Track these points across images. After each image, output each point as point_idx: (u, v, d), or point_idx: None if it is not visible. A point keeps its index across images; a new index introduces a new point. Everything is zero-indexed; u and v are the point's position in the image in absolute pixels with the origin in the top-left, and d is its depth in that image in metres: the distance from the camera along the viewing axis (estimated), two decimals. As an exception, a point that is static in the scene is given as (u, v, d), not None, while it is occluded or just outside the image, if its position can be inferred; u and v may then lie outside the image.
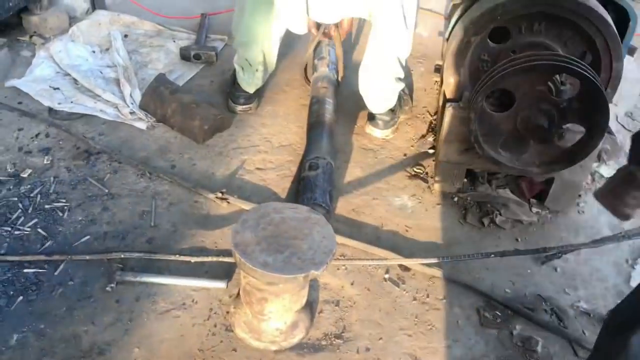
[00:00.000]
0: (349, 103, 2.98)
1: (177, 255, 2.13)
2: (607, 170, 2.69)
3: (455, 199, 2.50)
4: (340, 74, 2.99)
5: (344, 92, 3.02)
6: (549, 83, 2.08)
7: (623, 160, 2.69)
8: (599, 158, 2.49)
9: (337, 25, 2.88)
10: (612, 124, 2.96)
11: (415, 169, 2.65)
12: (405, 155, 2.74)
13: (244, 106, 2.90)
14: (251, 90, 2.87)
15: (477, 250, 2.28)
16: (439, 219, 2.42)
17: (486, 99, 2.14)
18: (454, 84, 2.34)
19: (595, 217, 2.47)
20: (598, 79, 1.97)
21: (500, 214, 2.40)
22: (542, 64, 1.94)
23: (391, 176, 2.62)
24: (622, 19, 2.25)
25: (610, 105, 2.09)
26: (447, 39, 2.46)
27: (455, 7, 2.49)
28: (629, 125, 3.01)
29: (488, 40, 2.25)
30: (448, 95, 2.38)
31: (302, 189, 2.36)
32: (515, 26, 2.19)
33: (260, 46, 2.70)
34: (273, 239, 1.77)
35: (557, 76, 2.09)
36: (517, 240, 2.35)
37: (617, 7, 2.23)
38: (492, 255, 2.09)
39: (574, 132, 2.07)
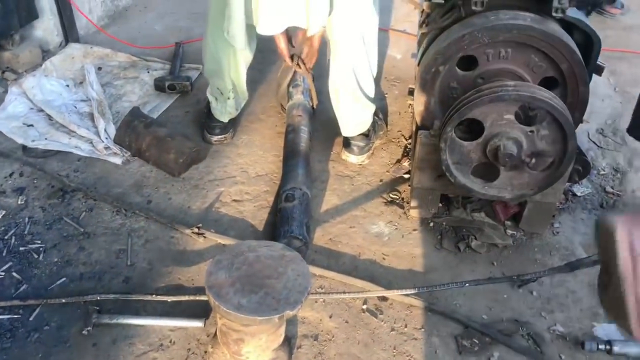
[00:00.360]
0: (325, 129, 3.00)
1: (154, 295, 2.12)
2: (581, 189, 2.73)
3: (432, 224, 2.52)
4: (314, 101, 3.00)
5: (320, 117, 3.04)
6: (518, 110, 2.11)
7: (595, 180, 2.75)
8: (571, 178, 2.52)
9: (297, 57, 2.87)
10: (584, 142, 3.02)
11: (391, 195, 2.67)
12: (381, 180, 2.76)
13: (219, 136, 2.91)
14: (225, 119, 2.88)
15: (454, 276, 2.30)
16: (415, 245, 2.44)
17: (456, 127, 2.16)
18: (424, 111, 2.37)
19: (569, 237, 2.50)
20: (563, 106, 2.01)
21: (475, 239, 2.42)
22: (507, 95, 1.97)
23: (368, 203, 2.63)
24: (587, 42, 2.30)
25: (581, 124, 2.11)
26: (418, 66, 2.49)
27: (423, 35, 2.52)
28: (601, 142, 3.06)
29: (456, 68, 2.28)
30: (419, 123, 2.40)
31: (279, 221, 2.36)
32: (482, 54, 2.22)
33: (228, 74, 2.71)
34: (247, 279, 1.77)
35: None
36: (493, 264, 2.37)
37: (582, 31, 2.28)
38: (467, 285, 2.10)
39: (544, 157, 2.10)
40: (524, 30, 2.10)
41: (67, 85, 3.17)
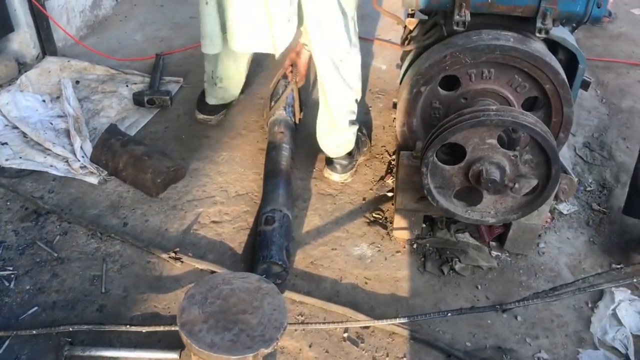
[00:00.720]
0: (308, 144, 2.94)
1: (128, 326, 2.05)
2: (567, 207, 2.69)
3: (415, 245, 2.47)
4: (297, 115, 2.94)
5: (302, 133, 2.98)
6: (501, 133, 2.06)
7: (581, 197, 2.71)
8: (557, 197, 2.47)
9: (293, 65, 2.88)
10: (570, 156, 2.98)
11: (374, 214, 2.61)
12: (364, 199, 2.70)
13: (205, 116, 3.06)
14: (210, 102, 3.03)
15: (437, 301, 2.26)
16: (398, 268, 2.38)
17: (439, 149, 2.11)
18: (407, 132, 2.32)
19: (555, 258, 2.46)
20: (546, 131, 1.96)
21: (459, 261, 2.37)
22: (489, 120, 1.92)
23: (350, 223, 2.57)
24: (572, 60, 2.26)
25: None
26: (400, 84, 2.44)
27: (406, 53, 2.47)
28: (587, 157, 3.02)
29: (439, 88, 2.23)
30: (401, 143, 2.35)
31: (258, 246, 2.31)
32: (464, 74, 2.17)
33: (216, 63, 2.84)
34: (221, 314, 1.71)
35: (508, 126, 2.07)
36: (477, 287, 2.32)
37: (566, 50, 2.23)
38: (449, 314, 2.05)
39: (528, 180, 2.05)
40: (506, 51, 2.05)
41: (44, 101, 3.08)
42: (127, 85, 3.29)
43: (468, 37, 2.11)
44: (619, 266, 2.45)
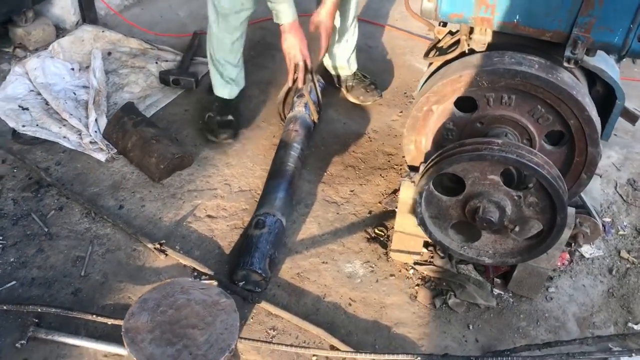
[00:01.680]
0: (325, 146, 2.82)
1: (94, 316, 2.01)
2: (590, 250, 2.45)
3: (411, 271, 2.31)
4: (315, 115, 2.81)
5: (321, 134, 2.86)
6: (510, 168, 1.87)
7: (610, 240, 2.46)
8: (574, 241, 2.24)
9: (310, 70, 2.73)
10: (608, 193, 2.71)
11: (376, 230, 2.47)
12: (370, 212, 2.55)
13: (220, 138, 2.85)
14: (221, 94, 2.89)
15: (421, 335, 2.10)
16: (388, 293, 2.24)
17: (443, 175, 1.94)
18: (414, 150, 2.15)
19: (563, 306, 2.24)
20: (555, 175, 1.74)
21: (454, 295, 2.20)
22: (491, 155, 1.73)
23: (349, 237, 2.44)
24: (611, 94, 2.01)
25: (610, 172, 1.83)
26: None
27: (429, 65, 2.28)
28: (629, 196, 2.73)
29: (454, 108, 2.04)
30: (408, 162, 2.18)
31: (242, 250, 2.22)
32: (482, 97, 1.97)
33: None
34: (169, 326, 1.63)
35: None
36: (468, 326, 2.14)
37: (605, 82, 1.99)
38: (418, 358, 1.90)
39: (531, 225, 1.85)
40: (528, 78, 1.83)
41: (72, 69, 3.09)
42: (156, 62, 3.25)
43: (489, 58, 1.91)
44: (636, 326, 2.20)
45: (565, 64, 1.83)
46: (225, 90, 2.88)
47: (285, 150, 2.60)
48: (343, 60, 3.07)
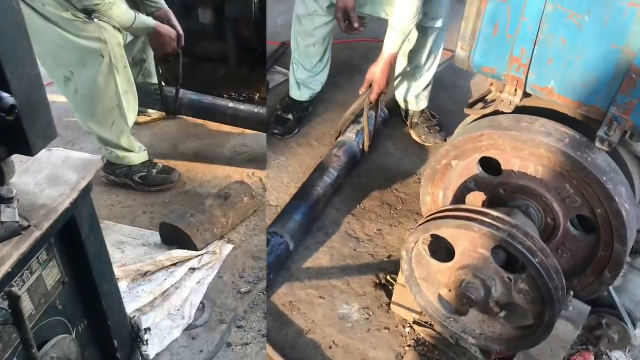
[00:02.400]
0: (368, 178, 2.71)
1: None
2: (622, 356, 2.13)
3: (407, 329, 2.15)
4: (367, 143, 2.71)
5: (369, 165, 2.76)
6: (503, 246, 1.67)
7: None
8: (598, 345, 1.95)
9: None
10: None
11: (388, 278, 2.32)
12: (389, 257, 2.41)
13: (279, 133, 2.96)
14: (293, 95, 3.00)
15: (394, 401, 1.95)
16: (375, 346, 2.09)
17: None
18: (431, 203, 2.00)
19: (566, 414, 1.96)
20: (551, 267, 1.52)
21: (444, 369, 2.01)
22: (478, 227, 1.55)
23: (357, 277, 2.32)
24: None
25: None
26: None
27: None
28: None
29: (478, 167, 1.86)
30: (424, 214, 2.03)
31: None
32: (507, 162, 1.78)
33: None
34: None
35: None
36: (449, 406, 1.95)
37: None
38: None
39: (519, 314, 1.64)
40: (553, 153, 1.63)
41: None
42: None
43: (517, 121, 1.72)
44: None
45: (598, 145, 1.60)
46: (293, 89, 3.01)
47: (319, 174, 2.54)
48: (412, 95, 2.95)
